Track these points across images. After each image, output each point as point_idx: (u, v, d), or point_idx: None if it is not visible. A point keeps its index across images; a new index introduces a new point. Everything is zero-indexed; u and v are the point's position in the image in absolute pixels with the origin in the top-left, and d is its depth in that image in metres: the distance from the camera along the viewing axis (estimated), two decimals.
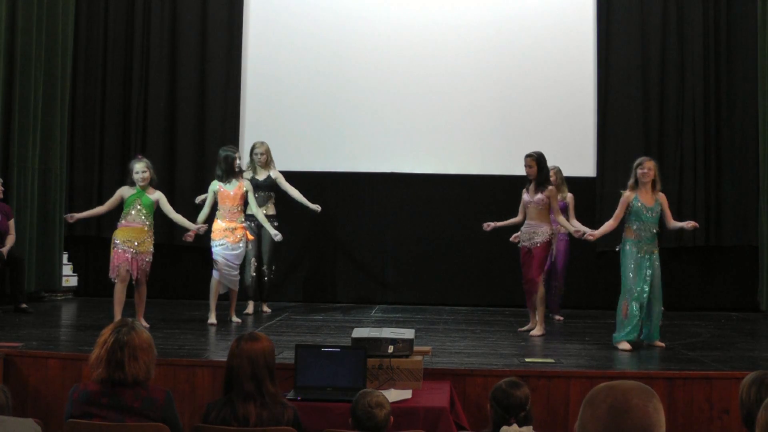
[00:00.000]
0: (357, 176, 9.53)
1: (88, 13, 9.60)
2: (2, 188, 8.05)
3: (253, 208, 7.69)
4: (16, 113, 8.52)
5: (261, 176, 8.28)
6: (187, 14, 9.62)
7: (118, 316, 6.76)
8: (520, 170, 7.72)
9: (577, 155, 9.28)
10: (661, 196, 6.57)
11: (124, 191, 7.05)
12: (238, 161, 7.60)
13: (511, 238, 7.57)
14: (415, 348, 5.04)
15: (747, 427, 3.07)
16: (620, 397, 1.85)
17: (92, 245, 9.57)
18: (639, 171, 6.50)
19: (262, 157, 8.29)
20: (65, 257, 9.23)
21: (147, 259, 6.98)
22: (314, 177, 9.48)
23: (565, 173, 8.32)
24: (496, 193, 9.32)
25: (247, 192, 7.59)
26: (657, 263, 6.47)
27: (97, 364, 3.52)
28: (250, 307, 8.24)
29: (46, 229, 8.84)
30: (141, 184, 6.97)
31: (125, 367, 3.46)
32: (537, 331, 7.12)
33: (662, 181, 6.35)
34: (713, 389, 5.21)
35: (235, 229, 7.47)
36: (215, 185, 7.57)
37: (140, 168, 6.99)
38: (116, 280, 6.89)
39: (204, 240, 9.67)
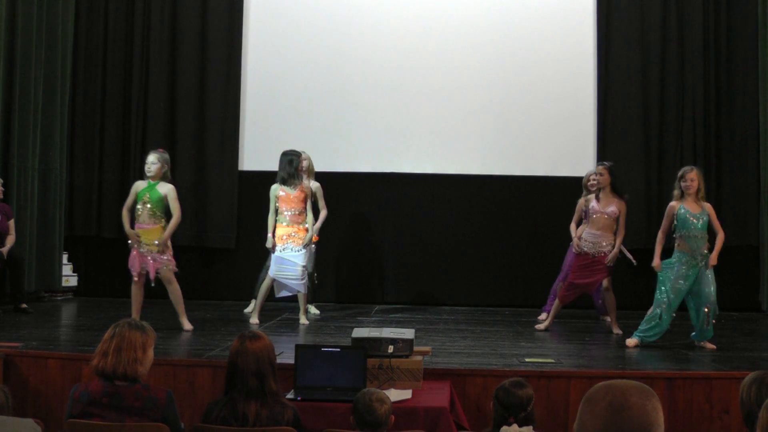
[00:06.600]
0: (357, 176, 9.52)
1: (88, 13, 9.60)
2: (2, 188, 8.05)
3: (309, 214, 7.46)
4: (16, 113, 8.51)
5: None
6: (187, 14, 9.61)
7: (134, 316, 6.71)
8: (520, 170, 7.75)
9: (577, 155, 9.27)
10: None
11: (138, 185, 6.88)
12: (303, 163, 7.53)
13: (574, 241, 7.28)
14: (415, 348, 5.03)
15: (747, 427, 3.07)
16: (619, 396, 1.85)
17: (92, 245, 9.57)
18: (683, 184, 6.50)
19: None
20: (65, 257, 9.22)
21: (165, 258, 6.81)
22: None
23: (565, 173, 8.32)
24: (496, 193, 9.33)
25: (306, 196, 7.40)
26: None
27: (93, 356, 3.61)
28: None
29: (46, 229, 8.83)
30: (149, 175, 6.79)
31: (109, 357, 3.53)
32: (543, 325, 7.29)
33: (661, 182, 6.31)
34: (713, 389, 5.21)
35: (298, 231, 7.35)
36: (276, 189, 7.40)
37: (151, 159, 6.82)
38: (133, 281, 6.81)
39: (202, 240, 9.69)
